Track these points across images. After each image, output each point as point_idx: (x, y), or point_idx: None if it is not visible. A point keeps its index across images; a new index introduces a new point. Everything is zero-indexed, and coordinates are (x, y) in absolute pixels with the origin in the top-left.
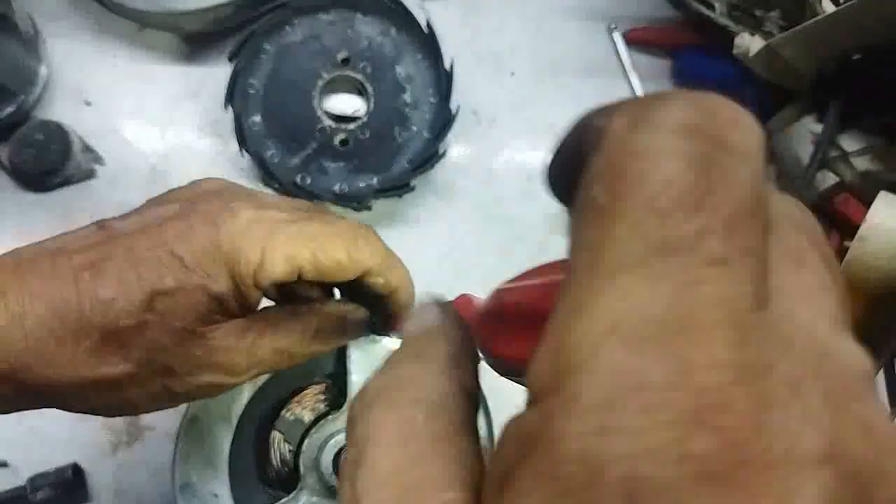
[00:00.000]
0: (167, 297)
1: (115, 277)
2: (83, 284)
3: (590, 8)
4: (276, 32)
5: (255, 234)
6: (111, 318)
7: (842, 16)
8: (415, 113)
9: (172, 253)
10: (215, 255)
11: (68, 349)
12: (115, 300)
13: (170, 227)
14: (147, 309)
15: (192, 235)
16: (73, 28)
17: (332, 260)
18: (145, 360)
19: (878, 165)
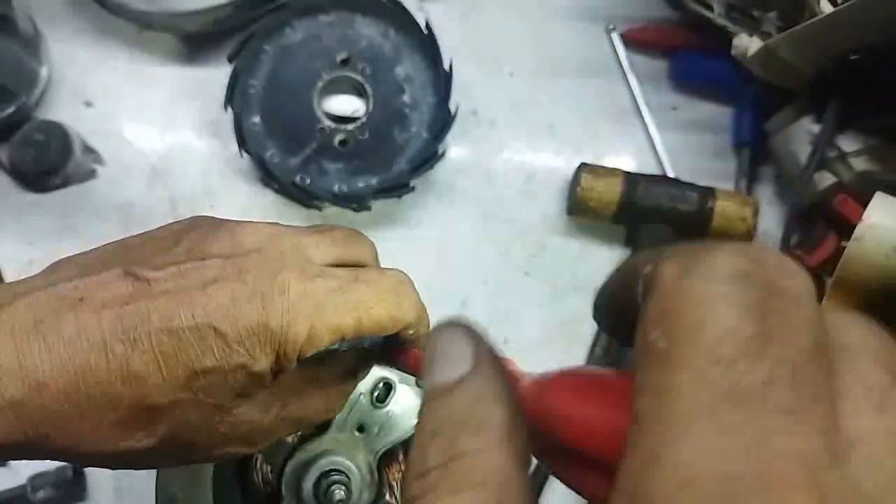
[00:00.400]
0: (204, 376)
1: (151, 351)
2: (114, 358)
3: (588, 9)
4: (276, 33)
5: (304, 312)
6: (142, 395)
7: (840, 16)
8: (414, 113)
9: (216, 330)
10: (261, 335)
11: (91, 422)
12: (149, 376)
13: (213, 297)
14: (182, 388)
15: (239, 312)
16: (74, 29)
17: (375, 323)
18: (169, 436)
19: (876, 166)
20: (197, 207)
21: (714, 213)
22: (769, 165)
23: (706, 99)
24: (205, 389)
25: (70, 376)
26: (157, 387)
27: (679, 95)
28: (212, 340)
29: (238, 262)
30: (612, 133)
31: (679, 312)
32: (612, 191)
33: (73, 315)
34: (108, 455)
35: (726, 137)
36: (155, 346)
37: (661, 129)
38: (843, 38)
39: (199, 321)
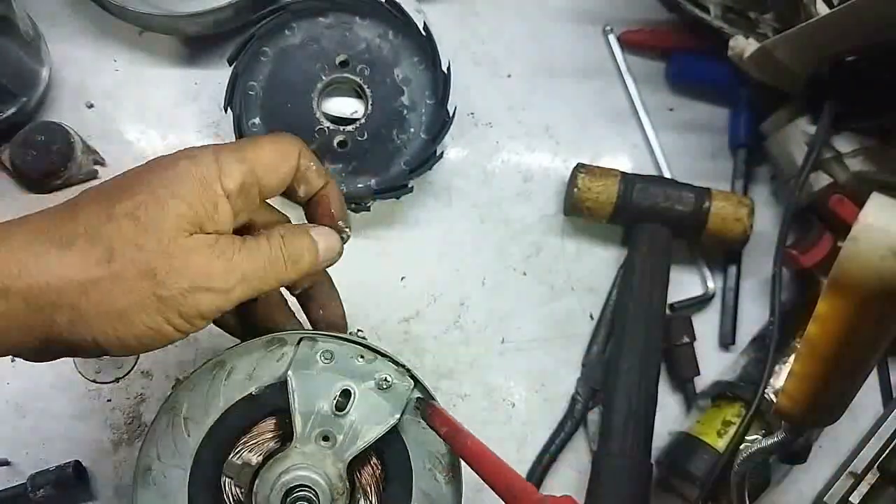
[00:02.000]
0: (143, 207)
1: (94, 198)
2: (67, 210)
3: (585, 11)
4: (276, 36)
5: (206, 152)
6: (93, 225)
7: (835, 18)
8: (412, 115)
9: (141, 178)
10: (175, 171)
11: (55, 254)
12: (96, 210)
13: (141, 168)
14: (123, 215)
15: (153, 167)
16: (75, 31)
17: (268, 151)
18: (128, 260)
19: (872, 166)
20: None
21: (710, 213)
22: (765, 166)
23: (703, 100)
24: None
25: (32, 223)
26: (98, 213)
27: (676, 97)
28: (137, 185)
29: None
30: (608, 134)
31: None
32: (608, 191)
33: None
34: (74, 287)
35: (723, 138)
36: (96, 195)
37: (658, 130)
38: (839, 39)
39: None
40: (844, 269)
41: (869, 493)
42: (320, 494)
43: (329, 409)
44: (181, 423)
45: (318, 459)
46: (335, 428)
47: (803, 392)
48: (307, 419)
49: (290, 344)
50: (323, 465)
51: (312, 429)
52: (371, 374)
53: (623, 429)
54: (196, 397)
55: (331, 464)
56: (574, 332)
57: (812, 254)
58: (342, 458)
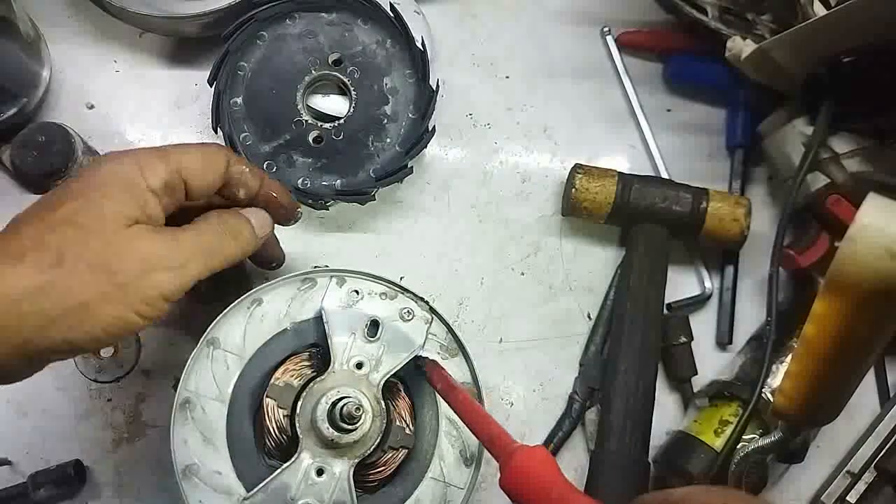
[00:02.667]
0: (80, 211)
1: (33, 211)
2: (11, 226)
3: (583, 12)
4: (276, 22)
5: (127, 155)
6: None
7: (832, 19)
8: (392, 125)
9: (71, 187)
10: (100, 177)
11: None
12: (36, 216)
13: (68, 181)
14: (61, 222)
15: (79, 176)
16: (75, 32)
17: (194, 157)
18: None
19: (869, 166)
20: None
21: (707, 213)
22: (762, 166)
23: (700, 101)
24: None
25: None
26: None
27: (673, 97)
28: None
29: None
30: (606, 135)
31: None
32: (606, 192)
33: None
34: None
35: (720, 139)
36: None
37: (656, 131)
38: (836, 40)
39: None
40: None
41: (866, 493)
42: (363, 403)
43: (361, 339)
44: (222, 356)
45: (355, 382)
46: (367, 355)
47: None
48: (342, 348)
49: (322, 282)
50: (360, 387)
51: (347, 357)
52: (395, 306)
53: (621, 428)
54: (234, 332)
55: (366, 387)
56: (572, 332)
57: (809, 254)
58: (376, 381)
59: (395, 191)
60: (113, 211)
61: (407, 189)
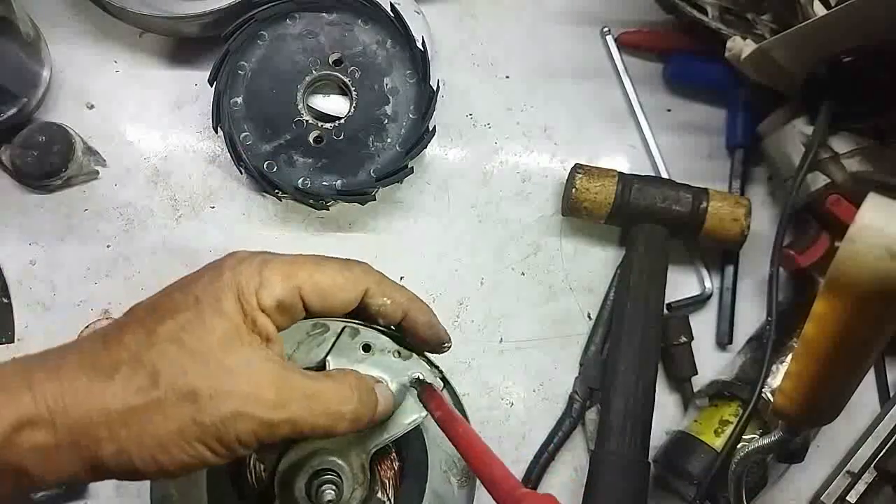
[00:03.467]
0: (183, 324)
1: (136, 321)
2: (109, 336)
3: (583, 12)
4: (276, 21)
5: (252, 263)
6: (134, 351)
7: (832, 19)
8: (392, 126)
9: (181, 291)
10: (219, 285)
11: (99, 384)
12: (135, 335)
13: (183, 281)
14: (166, 339)
15: (199, 277)
16: (75, 32)
17: (328, 277)
18: (169, 386)
19: (869, 166)
20: (198, 209)
21: (707, 213)
22: (762, 166)
23: (700, 101)
24: (188, 335)
25: (78, 354)
26: (144, 341)
27: (673, 97)
28: (180, 297)
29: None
30: (606, 135)
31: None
32: (606, 192)
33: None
34: (116, 417)
35: (720, 139)
36: (141, 317)
37: (656, 131)
38: (836, 40)
39: (170, 293)
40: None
41: (866, 493)
42: (345, 481)
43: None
44: None
45: (343, 446)
46: None
47: (800, 391)
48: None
49: (333, 330)
50: (347, 453)
51: None
52: (405, 370)
53: (621, 428)
54: None
55: (355, 454)
56: (572, 332)
57: (809, 254)
58: (367, 448)
59: (396, 191)
60: (222, 331)
61: (407, 189)
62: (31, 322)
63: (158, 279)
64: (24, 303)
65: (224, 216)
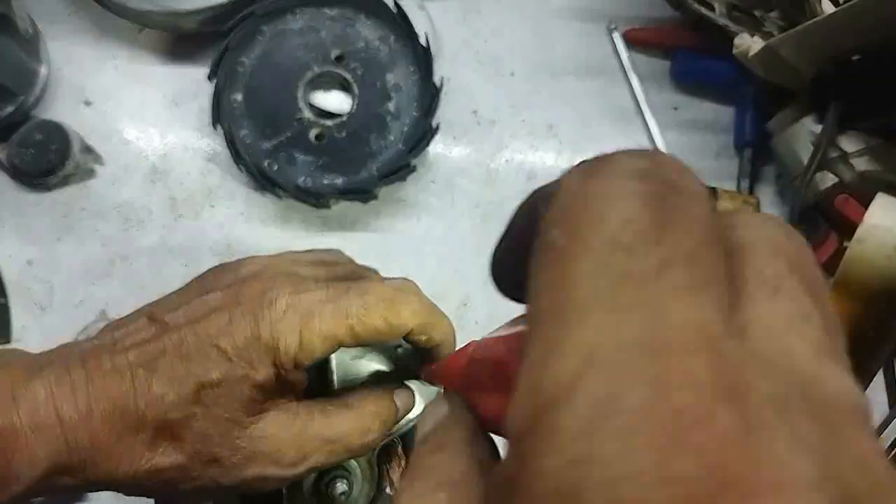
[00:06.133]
0: (212, 389)
1: (167, 373)
2: (139, 381)
3: (589, 8)
4: (277, 17)
5: (292, 321)
6: (161, 412)
7: (841, 16)
8: (395, 123)
9: (217, 347)
10: (256, 346)
11: (126, 442)
12: (165, 395)
13: (213, 320)
14: (194, 402)
15: (234, 328)
16: (73, 29)
17: (371, 330)
18: (194, 452)
19: (878, 166)
20: (197, 208)
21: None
22: (771, 165)
23: (708, 99)
24: (215, 402)
25: (108, 401)
26: (173, 404)
27: (680, 95)
28: (214, 356)
29: (236, 289)
30: (612, 133)
31: (580, 209)
32: None
33: (108, 355)
34: (143, 474)
35: (728, 137)
36: (169, 369)
37: (663, 129)
38: (845, 38)
39: (201, 341)
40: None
41: None
42: (354, 475)
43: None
44: None
45: None
46: None
47: None
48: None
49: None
50: None
51: None
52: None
53: None
54: None
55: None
56: None
57: (817, 253)
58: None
59: (398, 189)
60: (249, 397)
61: (410, 187)
62: (28, 322)
63: (157, 279)
64: (21, 303)
65: (223, 215)
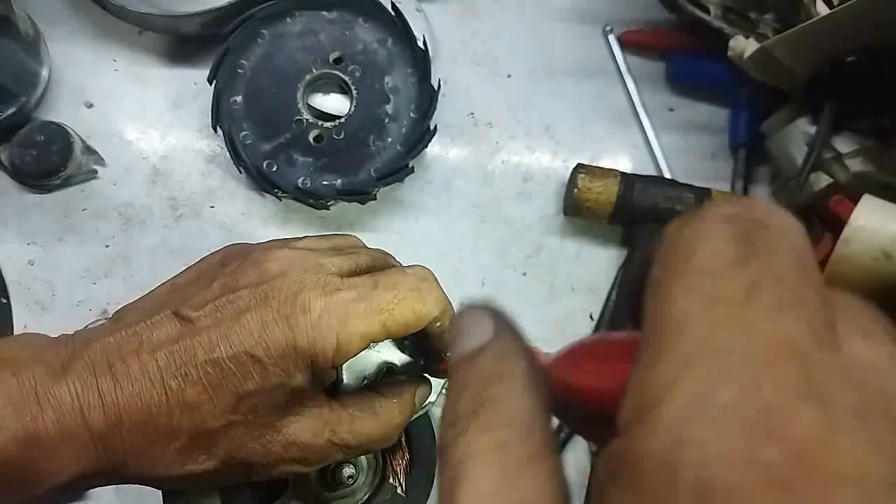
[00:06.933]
0: (249, 399)
1: (200, 382)
2: (171, 390)
3: (585, 11)
4: (276, 20)
5: (329, 324)
6: (198, 422)
7: (836, 18)
8: (393, 125)
9: (251, 356)
10: (293, 354)
11: (159, 449)
12: (201, 405)
13: (246, 327)
14: (232, 411)
15: (269, 337)
16: (74, 31)
17: (402, 323)
18: (227, 458)
19: (872, 167)
20: (197, 208)
21: None
22: (765, 166)
23: (703, 100)
24: (252, 410)
25: (139, 411)
26: (210, 413)
27: (676, 97)
28: (250, 366)
29: (265, 290)
30: (608, 134)
31: (674, 248)
32: (608, 191)
33: (135, 357)
34: (176, 478)
35: (723, 138)
36: (203, 377)
37: (658, 130)
38: (839, 39)
39: (236, 350)
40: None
41: None
42: (359, 469)
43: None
44: None
45: None
46: None
47: None
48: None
49: None
50: None
51: None
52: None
53: None
54: None
55: None
56: (574, 333)
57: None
58: None
59: (396, 190)
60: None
61: (408, 188)
62: (29, 322)
63: (158, 279)
64: (22, 303)
65: (224, 216)
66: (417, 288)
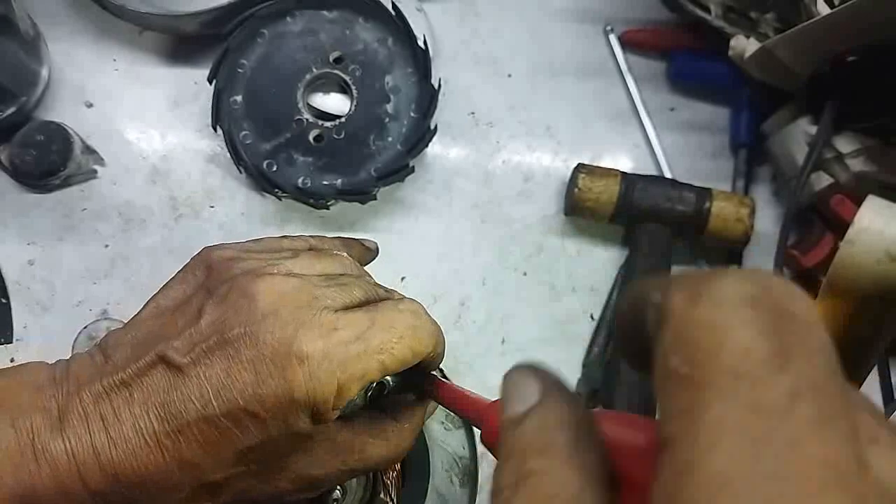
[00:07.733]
0: (250, 452)
1: (197, 439)
2: (167, 449)
3: (586, 10)
4: (276, 19)
5: (328, 371)
6: (199, 476)
7: (836, 18)
8: (393, 124)
9: (248, 412)
10: (291, 406)
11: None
12: (201, 462)
13: (238, 379)
14: (234, 464)
15: (264, 392)
16: (74, 30)
17: (399, 362)
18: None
19: (873, 166)
20: (197, 208)
21: (711, 213)
22: (766, 166)
23: (703, 100)
24: (255, 461)
25: (135, 470)
26: (211, 469)
27: (676, 96)
28: (247, 421)
29: (255, 332)
30: (609, 134)
31: (696, 337)
32: (609, 191)
33: (127, 411)
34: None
35: (724, 138)
36: (198, 435)
37: (659, 130)
38: (840, 39)
39: (230, 407)
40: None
41: None
42: (346, 488)
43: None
44: None
45: None
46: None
47: None
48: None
49: None
50: None
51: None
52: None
53: None
54: None
55: None
56: (575, 333)
57: (813, 254)
58: None
59: (397, 190)
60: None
61: (408, 188)
62: (29, 322)
63: (158, 279)
64: (22, 303)
65: (224, 215)
66: (413, 326)
